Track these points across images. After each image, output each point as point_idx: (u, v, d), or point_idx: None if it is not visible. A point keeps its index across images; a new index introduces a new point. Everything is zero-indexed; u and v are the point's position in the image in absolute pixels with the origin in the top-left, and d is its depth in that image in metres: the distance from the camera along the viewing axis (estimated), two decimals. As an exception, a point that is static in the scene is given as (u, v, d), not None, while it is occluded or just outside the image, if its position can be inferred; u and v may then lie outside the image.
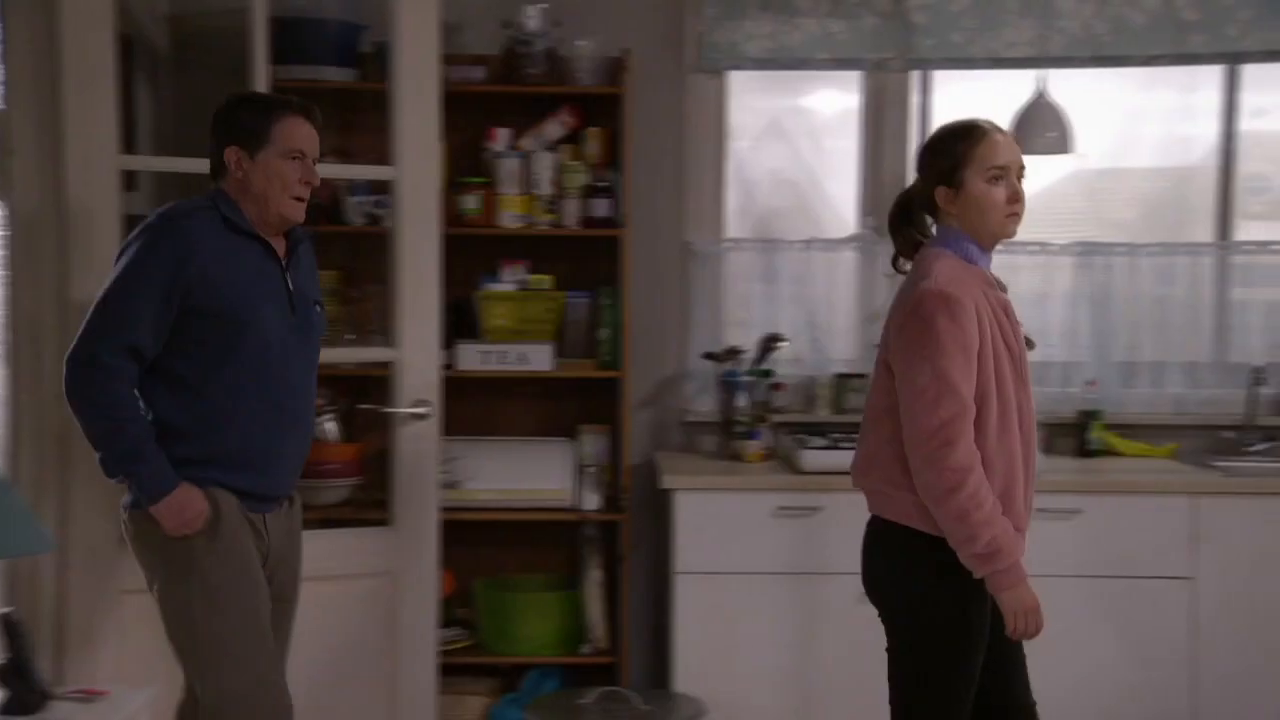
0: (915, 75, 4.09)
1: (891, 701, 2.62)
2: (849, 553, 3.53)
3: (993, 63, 3.97)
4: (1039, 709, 2.99)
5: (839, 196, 4.23)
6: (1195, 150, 4.14)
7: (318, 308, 2.80)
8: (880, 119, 4.12)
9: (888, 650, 2.62)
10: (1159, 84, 4.08)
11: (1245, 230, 4.12)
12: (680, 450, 4.04)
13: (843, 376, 4.05)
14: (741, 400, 3.91)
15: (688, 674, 3.58)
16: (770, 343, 3.97)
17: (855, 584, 3.56)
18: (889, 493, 2.55)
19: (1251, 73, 4.02)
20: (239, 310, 2.62)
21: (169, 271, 2.56)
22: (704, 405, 4.03)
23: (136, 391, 2.60)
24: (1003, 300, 2.56)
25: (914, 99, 4.11)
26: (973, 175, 2.52)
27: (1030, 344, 2.64)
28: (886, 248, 4.04)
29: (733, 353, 3.95)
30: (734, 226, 4.16)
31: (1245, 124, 4.07)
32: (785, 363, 4.05)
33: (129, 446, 2.57)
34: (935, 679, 2.55)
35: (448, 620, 3.71)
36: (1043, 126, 3.84)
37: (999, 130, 2.57)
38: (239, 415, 2.64)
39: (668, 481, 3.63)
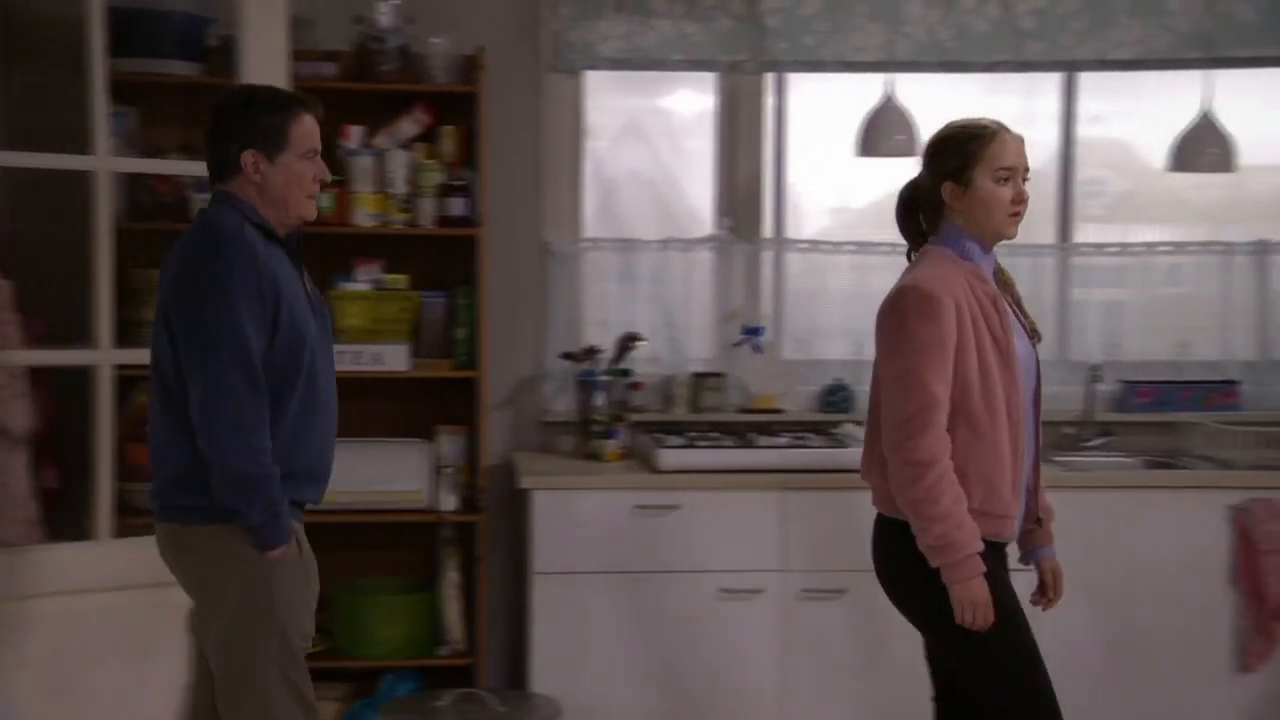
0: (770, 77, 4.15)
1: (976, 697, 2.64)
2: (706, 551, 3.62)
3: (843, 66, 4.05)
4: (904, 699, 3.09)
5: (697, 197, 4.27)
6: (1037, 155, 4.20)
7: (324, 305, 2.73)
8: (735, 120, 4.17)
9: (925, 648, 2.71)
10: (1002, 90, 4.20)
11: (1084, 232, 4.27)
12: (538, 450, 4.03)
13: (700, 376, 4.09)
14: (599, 400, 3.91)
15: (545, 674, 3.58)
16: (628, 342, 3.98)
17: (713, 581, 3.66)
18: (884, 487, 2.62)
19: (1088, 80, 4.17)
20: (298, 323, 2.55)
21: (258, 284, 2.48)
22: (562, 405, 4.03)
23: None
24: (992, 294, 2.58)
25: (769, 100, 4.17)
26: (981, 174, 2.57)
27: (1037, 335, 2.69)
28: (743, 248, 4.17)
29: (590, 352, 3.96)
30: (592, 226, 4.17)
31: (1083, 130, 4.23)
32: (643, 362, 4.07)
33: (276, 494, 2.50)
34: (996, 653, 2.56)
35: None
36: (891, 130, 3.92)
37: (1008, 132, 2.62)
38: (305, 428, 2.57)
39: (525, 481, 3.62)
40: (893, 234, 4.18)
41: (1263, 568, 3.58)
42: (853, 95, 4.03)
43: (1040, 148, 4.24)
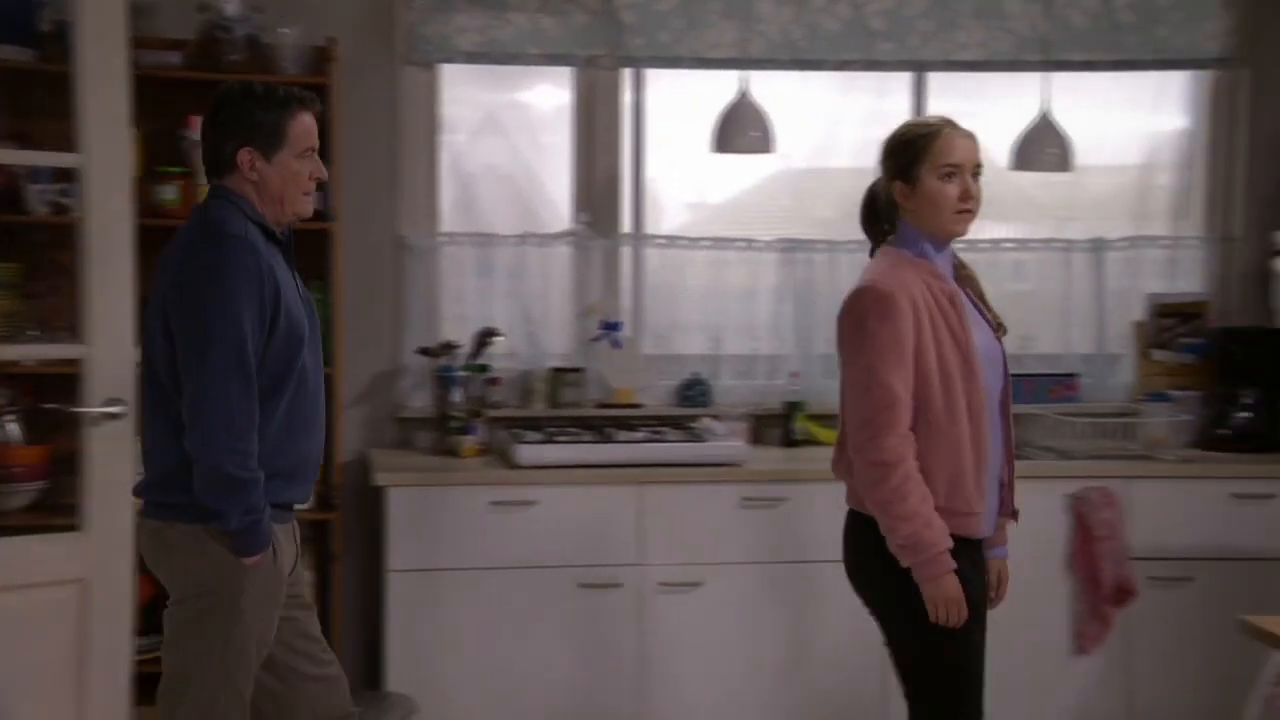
0: (627, 73, 4.17)
1: (905, 693, 2.66)
2: (564, 546, 3.62)
3: (698, 63, 4.09)
4: (760, 689, 3.12)
5: (556, 192, 4.27)
6: (889, 153, 4.36)
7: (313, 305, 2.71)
8: (593, 115, 4.17)
9: (885, 644, 2.68)
10: (855, 89, 4.28)
11: (934, 229, 4.38)
12: (394, 447, 4.00)
13: (558, 371, 4.09)
14: (456, 396, 3.90)
15: (401, 673, 3.55)
16: (485, 338, 3.97)
17: (570, 576, 3.66)
18: (854, 486, 2.63)
19: (936, 80, 4.26)
20: (294, 325, 2.54)
21: (260, 287, 2.47)
22: (418, 401, 4.00)
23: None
24: (949, 291, 2.60)
25: (626, 96, 4.19)
26: (927, 172, 2.59)
27: (1001, 329, 2.71)
28: (601, 243, 4.18)
29: (448, 348, 3.93)
30: (449, 221, 4.14)
31: (933, 130, 4.32)
32: (501, 357, 4.06)
33: (258, 499, 2.49)
34: (937, 658, 2.59)
35: (146, 628, 3.54)
36: (746, 126, 3.96)
37: (955, 129, 2.64)
38: (294, 429, 2.57)
39: (380, 479, 3.58)
40: (749, 229, 4.32)
41: (1098, 554, 3.71)
42: (709, 92, 4.06)
43: (892, 146, 4.35)
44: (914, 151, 2.62)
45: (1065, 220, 4.36)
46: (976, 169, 2.63)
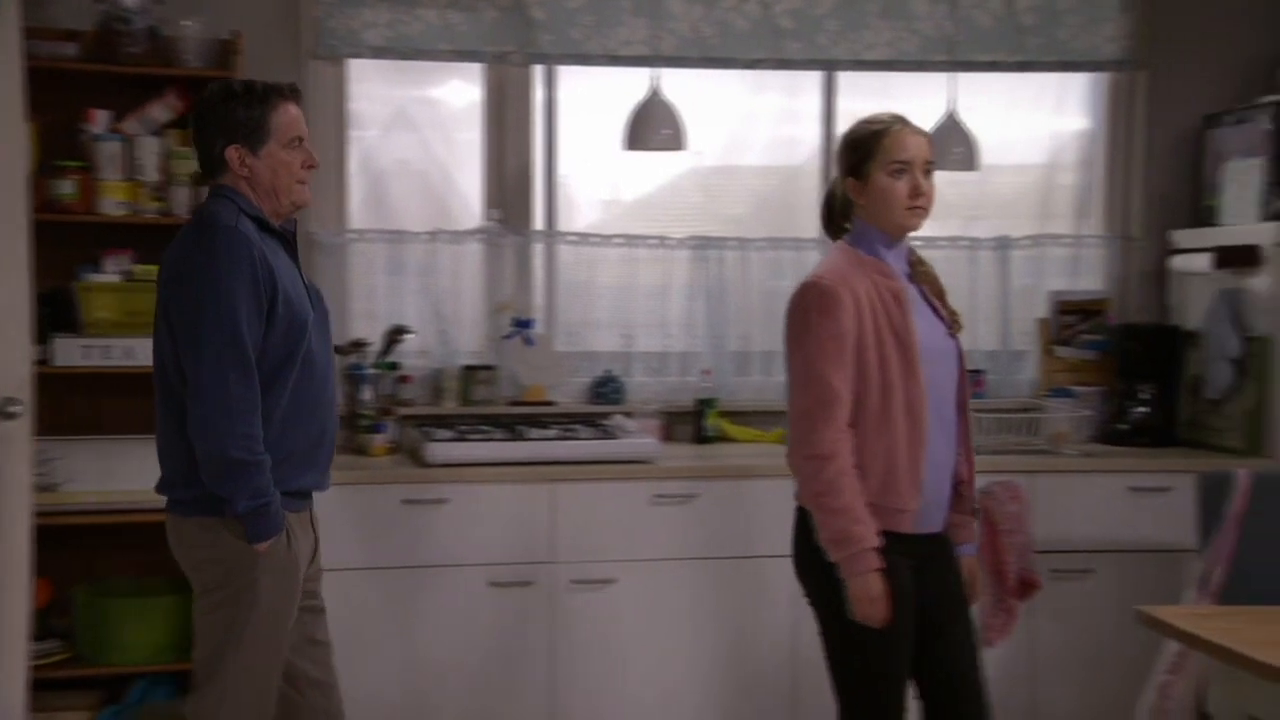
0: (539, 70, 4.15)
1: (833, 687, 2.71)
2: (476, 544, 3.60)
3: (609, 60, 4.09)
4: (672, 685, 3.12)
5: (468, 188, 4.24)
6: (800, 151, 4.40)
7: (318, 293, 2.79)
8: (504, 112, 4.16)
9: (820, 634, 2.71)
10: (768, 87, 4.31)
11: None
12: (303, 446, 3.94)
13: (470, 368, 4.07)
14: (366, 394, 3.86)
15: (308, 674, 3.51)
16: (396, 335, 3.94)
17: (482, 574, 3.64)
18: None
19: (845, 80, 4.30)
20: (296, 312, 2.61)
21: (256, 276, 2.54)
22: (328, 399, 3.94)
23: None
24: (894, 288, 2.62)
25: (538, 93, 4.18)
26: (877, 169, 2.63)
27: (957, 326, 2.73)
28: (513, 240, 4.16)
29: (357, 345, 3.89)
30: (359, 217, 4.10)
31: (843, 128, 4.31)
32: (412, 355, 4.03)
33: (265, 483, 2.56)
34: (860, 655, 2.64)
35: (43, 632, 3.47)
36: (657, 124, 3.97)
37: (906, 126, 2.66)
38: (301, 414, 2.63)
39: (287, 478, 3.54)
40: (661, 227, 4.33)
41: (1002, 547, 3.76)
42: (621, 89, 4.07)
43: (804, 145, 4.38)
44: (865, 149, 2.66)
45: (971, 219, 4.42)
46: (928, 166, 2.67)
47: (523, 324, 4.06)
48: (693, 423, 4.15)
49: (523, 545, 3.63)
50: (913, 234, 2.73)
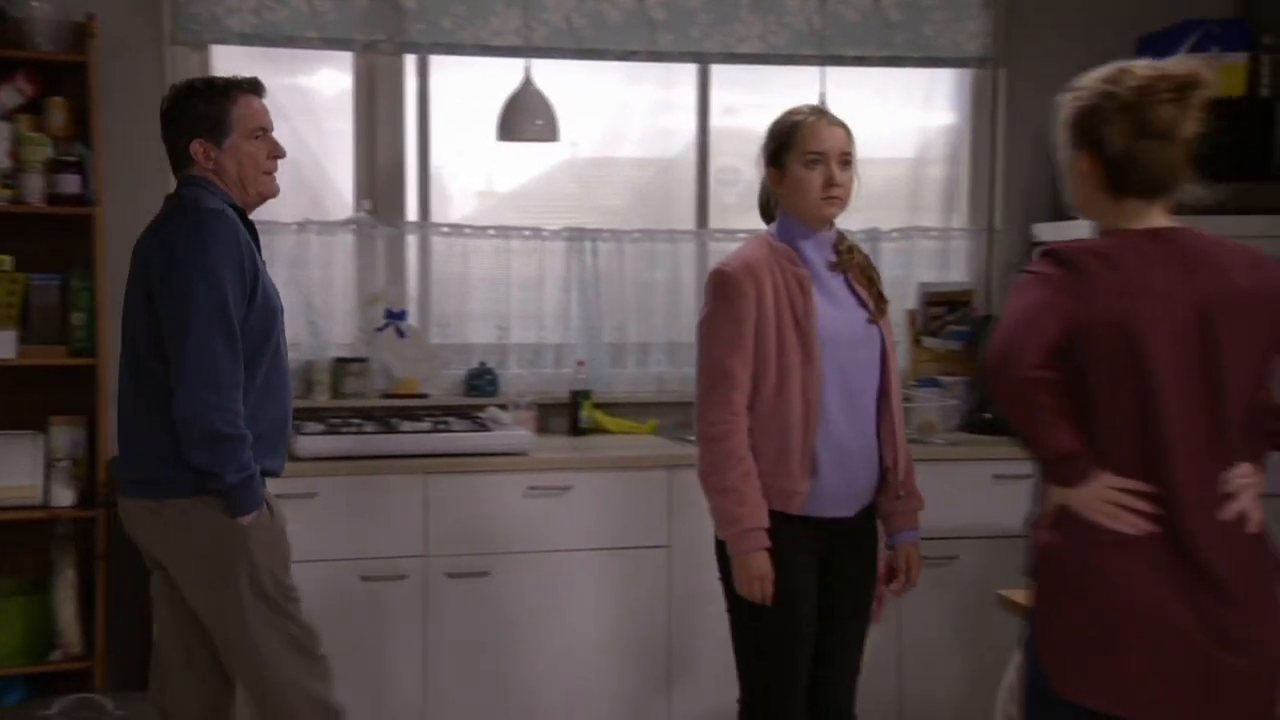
0: (410, 59, 4.11)
1: (737, 666, 2.79)
2: (347, 538, 3.56)
3: (481, 50, 4.06)
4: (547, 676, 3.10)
5: (339, 178, 4.18)
6: (676, 143, 4.42)
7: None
8: (374, 101, 4.11)
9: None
10: (643, 79, 4.32)
11: (721, 219, 4.44)
12: (167, 440, 3.85)
13: (342, 361, 4.02)
14: (234, 386, 3.78)
15: (171, 674, 3.43)
16: (264, 327, 3.86)
17: (354, 569, 3.60)
18: None
19: (719, 72, 4.33)
20: (270, 299, 2.71)
21: (241, 259, 2.63)
22: (193, 393, 3.86)
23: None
24: (800, 275, 2.68)
25: (410, 83, 4.13)
26: (793, 159, 2.71)
27: (880, 312, 2.77)
28: (385, 231, 4.11)
29: (224, 338, 3.81)
30: (227, 207, 4.01)
31: (717, 120, 4.38)
32: (282, 347, 3.96)
33: (248, 457, 2.63)
34: (751, 634, 2.73)
35: None
36: (531, 114, 3.96)
37: (822, 118, 2.72)
38: (269, 399, 2.72)
39: (150, 473, 3.45)
40: (536, 218, 4.31)
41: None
42: (496, 79, 4.04)
43: (679, 137, 4.40)
44: (783, 139, 2.74)
45: (844, 211, 4.46)
46: (845, 157, 2.74)
47: (396, 316, 4.02)
48: (568, 415, 4.14)
49: (395, 539, 3.59)
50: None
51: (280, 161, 4.17)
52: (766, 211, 2.87)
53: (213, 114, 2.71)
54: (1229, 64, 4.06)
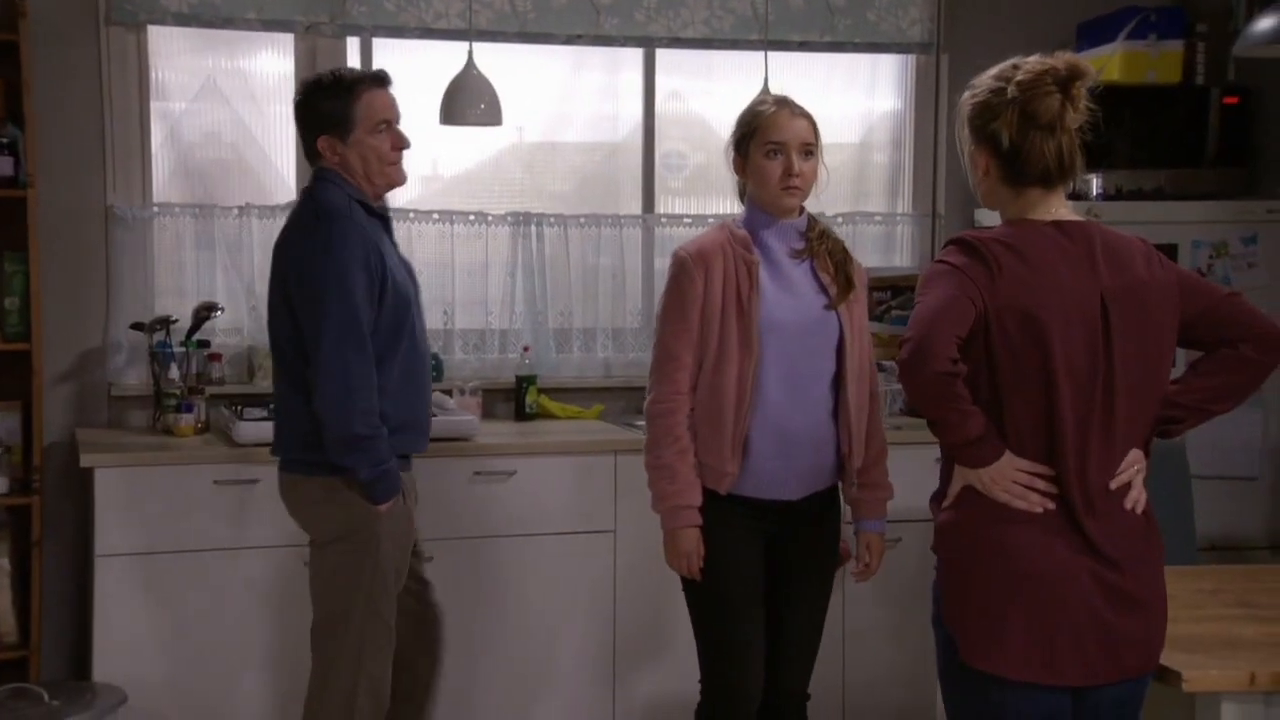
0: (353, 42, 4.07)
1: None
2: (290, 525, 3.49)
3: (424, 33, 4.03)
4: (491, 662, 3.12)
5: (281, 163, 4.14)
6: (622, 128, 4.41)
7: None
8: (316, 84, 4.06)
9: None
10: (589, 64, 4.30)
11: (665, 204, 4.43)
12: (106, 426, 3.82)
13: (284, 346, 3.97)
14: (173, 372, 3.74)
15: (109, 662, 3.40)
16: (205, 312, 3.82)
17: (297, 554, 3.55)
18: None
19: (665, 57, 4.31)
20: (401, 290, 2.84)
21: (367, 256, 2.77)
22: (133, 378, 3.83)
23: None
24: (750, 261, 2.72)
25: (353, 65, 4.08)
26: (755, 148, 2.76)
27: (841, 299, 2.77)
28: (326, 214, 4.06)
29: (163, 322, 3.77)
30: (168, 191, 3.96)
31: (663, 105, 4.38)
32: (224, 333, 3.93)
33: (383, 451, 2.80)
34: (694, 602, 2.81)
35: None
36: (474, 98, 3.91)
37: (784, 108, 2.76)
38: (409, 385, 2.88)
39: (87, 460, 3.42)
40: (480, 203, 4.28)
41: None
42: (441, 63, 4.00)
43: (625, 122, 4.39)
44: (747, 128, 2.79)
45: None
46: (807, 148, 2.78)
47: (338, 301, 3.98)
48: (513, 400, 4.13)
49: (338, 525, 3.57)
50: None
51: (221, 145, 4.20)
52: (743, 196, 2.91)
53: (337, 111, 2.82)
54: (1166, 51, 4.11)
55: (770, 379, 2.72)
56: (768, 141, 2.75)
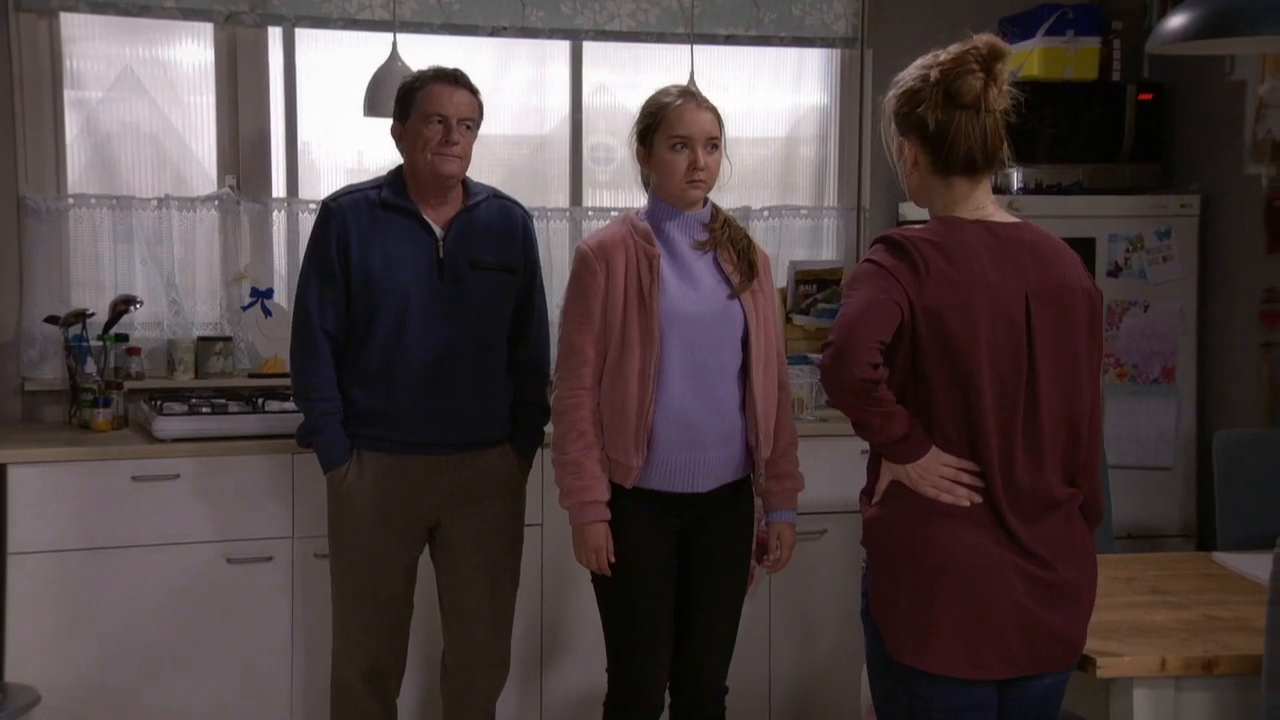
0: (275, 32, 4.02)
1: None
2: (211, 520, 3.48)
3: (347, 23, 3.99)
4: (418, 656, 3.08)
5: (202, 154, 4.08)
6: (549, 121, 4.39)
7: (480, 270, 3.04)
8: (236, 74, 4.01)
9: None
10: (516, 56, 4.28)
11: (594, 197, 4.43)
12: (19, 422, 3.75)
13: (205, 340, 3.93)
14: (90, 366, 3.68)
15: (22, 662, 3.34)
16: (123, 305, 3.76)
17: (219, 551, 3.52)
18: None
19: (593, 49, 4.31)
20: (374, 282, 2.96)
21: (329, 253, 2.98)
22: (47, 373, 3.77)
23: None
24: (651, 253, 2.72)
25: (276, 56, 4.04)
26: (660, 141, 2.76)
27: (741, 288, 2.77)
28: (249, 207, 4.02)
29: (79, 316, 3.70)
30: (84, 182, 3.89)
31: (590, 98, 4.37)
32: (143, 326, 3.88)
33: (317, 420, 3.03)
34: (602, 595, 2.83)
35: None
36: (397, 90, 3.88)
37: (690, 102, 2.74)
38: (387, 377, 2.98)
39: (0, 456, 3.34)
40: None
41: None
42: (365, 54, 3.96)
43: (553, 114, 4.38)
44: (650, 120, 2.79)
45: (715, 190, 4.48)
46: (712, 141, 2.76)
47: (261, 294, 3.94)
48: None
49: (261, 520, 3.53)
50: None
51: (140, 135, 4.12)
52: (647, 186, 2.90)
53: (406, 99, 3.02)
54: (1083, 48, 4.17)
55: (674, 372, 2.72)
56: (673, 135, 2.74)
